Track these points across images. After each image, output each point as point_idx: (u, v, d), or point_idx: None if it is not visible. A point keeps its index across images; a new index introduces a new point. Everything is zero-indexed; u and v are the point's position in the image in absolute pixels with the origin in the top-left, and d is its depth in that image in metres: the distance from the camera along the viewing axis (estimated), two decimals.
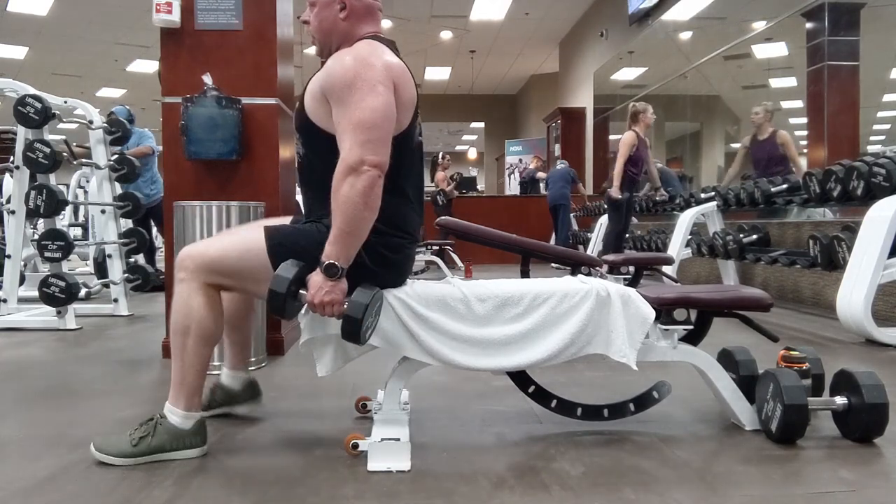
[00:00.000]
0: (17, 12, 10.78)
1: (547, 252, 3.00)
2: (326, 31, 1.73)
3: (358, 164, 1.49)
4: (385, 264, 1.66)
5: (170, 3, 2.89)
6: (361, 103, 1.52)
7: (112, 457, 1.63)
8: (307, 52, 12.98)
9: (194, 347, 1.64)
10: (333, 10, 1.71)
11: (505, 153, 15.83)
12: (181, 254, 1.68)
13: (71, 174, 7.47)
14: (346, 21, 1.71)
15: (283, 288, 1.50)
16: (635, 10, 9.34)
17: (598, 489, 1.48)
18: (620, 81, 10.65)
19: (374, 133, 1.51)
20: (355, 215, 1.50)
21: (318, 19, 1.73)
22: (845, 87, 5.64)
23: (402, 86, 1.61)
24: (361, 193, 1.49)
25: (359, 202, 1.49)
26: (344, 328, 1.52)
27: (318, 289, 1.51)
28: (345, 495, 1.45)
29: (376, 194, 1.51)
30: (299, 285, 1.54)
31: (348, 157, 1.50)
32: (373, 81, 1.54)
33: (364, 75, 1.55)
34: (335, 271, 1.50)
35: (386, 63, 1.60)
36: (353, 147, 1.50)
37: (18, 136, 3.96)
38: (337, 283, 1.52)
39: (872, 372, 1.78)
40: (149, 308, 4.57)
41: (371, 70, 1.56)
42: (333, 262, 1.51)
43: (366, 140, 1.50)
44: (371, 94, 1.53)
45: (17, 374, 2.75)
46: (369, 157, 1.49)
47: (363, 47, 1.63)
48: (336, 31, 1.71)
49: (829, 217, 4.62)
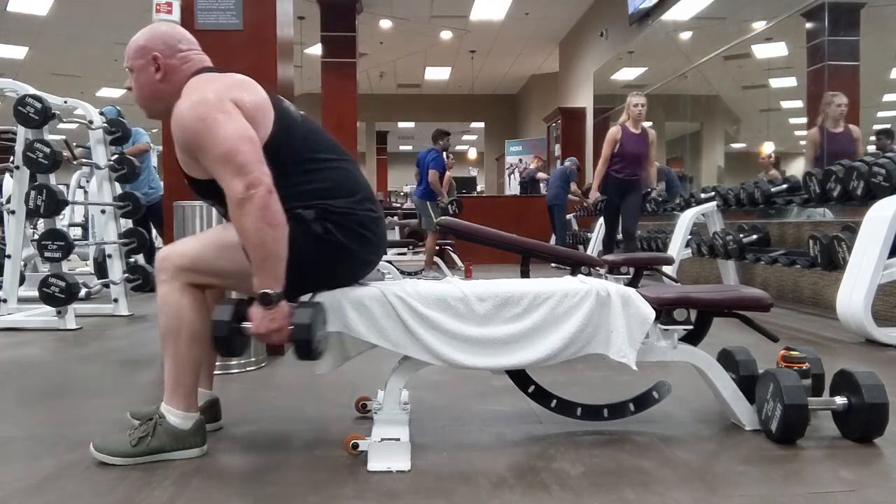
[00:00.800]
0: (17, 12, 10.77)
1: (547, 252, 3.00)
2: (149, 96, 1.72)
3: (241, 194, 1.50)
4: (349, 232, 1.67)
5: (170, 3, 2.89)
6: (215, 140, 1.53)
7: (111, 457, 1.63)
8: (307, 52, 12.99)
9: (186, 347, 1.65)
10: (149, 74, 1.71)
11: (505, 153, 15.83)
12: (160, 255, 1.69)
13: (71, 174, 7.47)
14: (164, 82, 1.70)
15: (223, 332, 1.53)
16: (635, 10, 9.33)
17: (598, 489, 1.48)
18: (620, 81, 10.65)
19: (239, 158, 1.52)
20: (264, 239, 1.51)
21: (137, 85, 1.73)
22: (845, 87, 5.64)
23: (243, 99, 1.61)
24: (258, 218, 1.50)
25: (260, 226, 1.50)
26: (296, 351, 1.55)
27: (260, 320, 1.53)
28: (345, 495, 1.45)
29: (273, 210, 1.52)
30: (241, 320, 1.55)
31: (231, 193, 1.52)
32: (212, 115, 1.55)
33: (203, 115, 1.55)
34: (270, 299, 1.52)
35: (216, 91, 1.60)
36: (229, 182, 1.52)
37: (18, 136, 3.96)
38: (277, 310, 1.53)
39: (872, 372, 1.78)
40: (149, 308, 4.56)
41: (205, 105, 1.56)
42: (265, 291, 1.52)
43: (236, 169, 1.51)
44: (217, 126, 1.54)
45: (17, 374, 2.75)
46: (246, 181, 1.50)
47: (189, 92, 1.63)
48: (159, 93, 1.70)
49: (829, 217, 4.62)
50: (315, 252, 1.65)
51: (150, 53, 1.70)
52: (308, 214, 1.63)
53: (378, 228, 1.77)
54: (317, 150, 1.73)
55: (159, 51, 1.70)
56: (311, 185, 1.67)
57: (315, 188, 1.67)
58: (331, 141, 1.81)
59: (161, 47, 1.70)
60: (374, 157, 19.47)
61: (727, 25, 7.46)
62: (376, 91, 17.32)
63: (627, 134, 5.46)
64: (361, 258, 1.74)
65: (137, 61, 1.71)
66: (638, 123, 5.51)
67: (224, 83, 1.64)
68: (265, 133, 1.62)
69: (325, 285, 1.70)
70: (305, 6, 10.53)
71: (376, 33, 12.59)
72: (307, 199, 1.65)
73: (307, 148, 1.71)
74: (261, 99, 1.66)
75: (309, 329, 1.51)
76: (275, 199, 1.52)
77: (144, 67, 1.71)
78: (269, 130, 1.63)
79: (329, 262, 1.68)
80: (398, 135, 22.97)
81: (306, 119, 1.79)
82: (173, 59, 1.71)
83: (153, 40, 1.71)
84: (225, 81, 1.65)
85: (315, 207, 1.65)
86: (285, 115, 1.70)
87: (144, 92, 1.73)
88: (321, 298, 1.68)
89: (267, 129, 1.63)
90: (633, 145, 5.44)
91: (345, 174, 1.75)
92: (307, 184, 1.67)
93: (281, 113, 1.68)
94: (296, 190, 1.64)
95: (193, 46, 1.76)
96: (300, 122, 1.74)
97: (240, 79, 1.68)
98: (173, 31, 1.76)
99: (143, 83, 1.72)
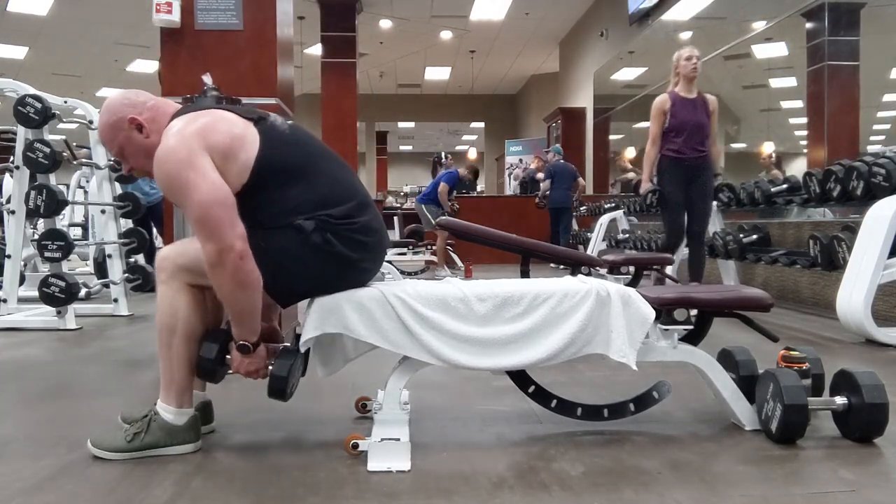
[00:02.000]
0: (17, 12, 10.78)
1: (547, 252, 3.00)
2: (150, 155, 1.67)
3: (213, 258, 1.53)
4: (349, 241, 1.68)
5: (170, 3, 2.89)
6: (189, 203, 1.56)
7: (107, 452, 1.66)
8: (307, 52, 12.99)
9: (181, 345, 1.66)
10: (138, 138, 1.70)
11: (505, 153, 15.83)
12: (159, 255, 1.71)
13: (71, 174, 7.46)
14: (152, 136, 1.69)
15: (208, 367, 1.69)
16: (635, 10, 9.33)
17: (598, 489, 1.48)
18: (620, 81, 10.66)
19: (210, 224, 1.54)
20: (237, 298, 1.58)
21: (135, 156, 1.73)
22: (845, 87, 5.64)
23: (215, 141, 1.60)
24: (230, 281, 1.55)
25: (233, 288, 1.56)
26: (270, 394, 1.69)
27: (239, 363, 1.67)
28: (345, 495, 1.45)
29: (245, 272, 1.55)
30: (224, 353, 1.69)
31: (205, 255, 1.55)
32: (183, 176, 1.55)
33: (174, 174, 1.57)
34: (248, 349, 1.64)
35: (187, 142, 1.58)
36: (203, 243, 1.55)
37: (18, 136, 3.96)
38: (254, 356, 1.66)
39: (872, 372, 1.78)
40: (149, 308, 4.56)
41: (176, 163, 1.56)
42: (243, 343, 1.64)
43: (208, 234, 1.54)
44: (189, 190, 1.55)
45: (17, 374, 2.75)
46: (218, 247, 1.53)
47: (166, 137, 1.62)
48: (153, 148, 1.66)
49: (829, 217, 4.62)
50: (315, 262, 1.66)
51: (125, 120, 1.69)
52: (307, 225, 1.64)
53: (377, 235, 1.77)
54: (310, 158, 1.73)
55: (130, 114, 1.69)
56: (308, 196, 1.67)
57: (312, 198, 1.67)
58: (323, 147, 1.82)
59: (129, 110, 1.70)
60: (374, 158, 19.47)
61: (727, 25, 7.47)
62: (376, 91, 17.32)
63: (679, 101, 4.18)
64: (361, 266, 1.74)
65: (119, 135, 1.70)
66: (692, 85, 4.20)
67: (195, 128, 1.61)
68: (250, 156, 1.63)
69: (325, 293, 1.70)
70: (305, 6, 10.53)
71: (376, 33, 12.59)
72: (305, 211, 1.65)
73: (299, 157, 1.71)
74: (236, 130, 1.65)
75: (285, 381, 1.65)
76: (246, 262, 1.55)
77: (129, 135, 1.70)
78: (255, 152, 1.63)
79: (329, 272, 1.69)
80: (398, 135, 22.98)
81: (296, 128, 1.79)
82: (146, 112, 1.71)
83: (117, 110, 1.70)
84: (196, 126, 1.62)
85: (314, 218, 1.65)
86: (269, 131, 1.69)
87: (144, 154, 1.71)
88: (321, 300, 1.68)
89: (251, 153, 1.63)
90: (690, 113, 4.14)
91: (340, 181, 1.75)
92: (303, 195, 1.67)
93: (265, 131, 1.68)
94: (293, 203, 1.66)
95: (149, 96, 1.76)
96: (288, 134, 1.74)
97: (211, 119, 1.65)
98: (125, 93, 1.75)
99: (138, 148, 1.71)
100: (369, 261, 1.76)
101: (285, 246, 1.65)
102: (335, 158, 1.81)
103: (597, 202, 8.54)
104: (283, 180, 1.66)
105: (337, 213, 1.68)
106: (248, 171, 1.63)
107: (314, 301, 1.70)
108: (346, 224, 1.68)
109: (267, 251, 1.63)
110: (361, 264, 1.73)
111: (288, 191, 1.66)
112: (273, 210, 1.66)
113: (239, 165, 1.62)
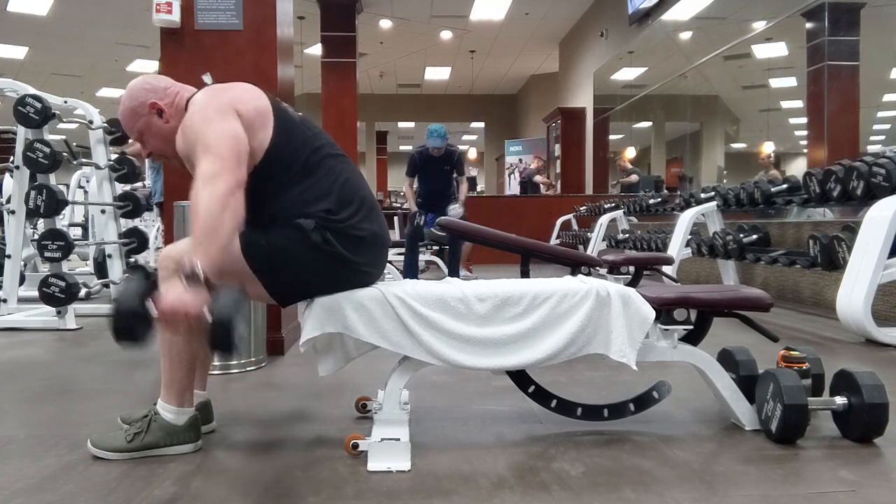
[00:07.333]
0: (17, 12, 10.78)
1: (547, 252, 3.00)
2: (168, 140, 1.71)
3: (211, 174, 1.51)
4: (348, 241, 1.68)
5: (170, 3, 2.89)
6: (206, 133, 1.57)
7: (107, 452, 1.66)
8: (307, 52, 12.99)
9: (182, 344, 1.67)
10: (158, 122, 1.72)
11: (505, 153, 15.83)
12: (162, 253, 1.71)
13: (71, 174, 7.46)
14: (172, 120, 1.71)
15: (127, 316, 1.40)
16: (635, 10, 9.34)
17: (598, 489, 1.48)
18: (620, 81, 10.66)
19: (221, 150, 1.54)
20: (211, 212, 1.46)
21: (154, 140, 1.74)
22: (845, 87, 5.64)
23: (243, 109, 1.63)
24: (219, 199, 1.48)
25: (216, 206, 1.47)
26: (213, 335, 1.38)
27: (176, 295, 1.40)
28: (345, 495, 1.45)
29: (237, 200, 1.52)
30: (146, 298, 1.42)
31: (201, 171, 1.52)
32: (210, 116, 1.59)
33: (203, 116, 1.60)
34: (197, 277, 1.41)
35: (216, 98, 1.64)
36: (202, 162, 1.53)
37: (18, 136, 3.96)
38: (197, 291, 1.40)
39: (872, 372, 1.78)
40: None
41: (206, 110, 1.61)
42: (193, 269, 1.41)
43: (214, 156, 1.53)
44: (211, 123, 1.57)
45: (17, 374, 2.75)
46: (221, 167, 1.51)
47: (191, 107, 1.66)
48: (172, 133, 1.69)
49: (829, 217, 4.62)
50: (313, 261, 1.66)
51: (146, 105, 1.71)
52: (308, 224, 1.64)
53: (379, 239, 1.77)
54: (318, 151, 1.73)
55: (152, 99, 1.71)
56: (313, 191, 1.68)
57: (316, 195, 1.67)
58: (331, 141, 1.82)
59: (150, 95, 1.72)
60: (374, 157, 19.47)
61: (727, 25, 7.47)
62: (376, 91, 17.32)
63: None
64: (361, 269, 1.73)
65: (140, 120, 1.72)
66: None
67: (225, 97, 1.65)
68: (266, 136, 1.64)
69: (324, 293, 1.70)
70: (305, 6, 10.54)
71: (376, 33, 12.59)
72: (308, 207, 1.66)
73: (309, 149, 1.72)
74: (261, 104, 1.68)
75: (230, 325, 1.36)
76: (240, 196, 1.53)
77: (150, 120, 1.72)
78: (271, 134, 1.65)
79: (328, 272, 1.68)
80: (398, 135, 22.97)
81: (305, 119, 1.81)
82: (166, 97, 1.72)
83: (139, 95, 1.72)
84: (226, 95, 1.66)
85: (315, 217, 1.65)
86: (285, 117, 1.71)
87: (162, 138, 1.73)
88: (321, 300, 1.68)
89: (268, 133, 1.65)
90: None
91: (346, 180, 1.74)
92: (309, 189, 1.67)
93: (281, 116, 1.70)
94: (300, 198, 1.66)
95: (171, 82, 1.77)
96: (299, 123, 1.76)
97: (239, 91, 1.69)
98: (147, 78, 1.77)
99: (157, 133, 1.73)
100: (369, 265, 1.75)
101: (285, 244, 1.65)
102: (342, 154, 1.81)
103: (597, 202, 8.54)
104: (293, 168, 1.67)
105: (338, 213, 1.68)
106: (262, 152, 1.64)
107: (314, 301, 1.70)
108: (347, 225, 1.68)
109: (267, 248, 1.64)
110: (361, 267, 1.73)
111: (296, 183, 1.67)
112: (276, 203, 1.67)
113: (257, 143, 1.63)
